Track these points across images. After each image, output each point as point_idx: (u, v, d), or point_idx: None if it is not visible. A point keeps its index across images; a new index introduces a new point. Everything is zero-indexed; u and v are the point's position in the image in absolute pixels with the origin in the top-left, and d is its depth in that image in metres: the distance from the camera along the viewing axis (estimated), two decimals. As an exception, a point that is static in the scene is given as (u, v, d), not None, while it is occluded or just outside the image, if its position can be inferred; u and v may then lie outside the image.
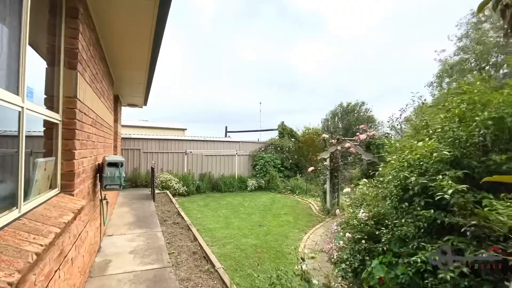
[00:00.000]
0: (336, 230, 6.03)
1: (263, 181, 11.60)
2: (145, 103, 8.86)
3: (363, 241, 3.68)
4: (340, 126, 15.74)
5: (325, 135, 7.95)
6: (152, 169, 8.14)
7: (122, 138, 10.06)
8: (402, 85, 40.09)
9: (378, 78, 44.06)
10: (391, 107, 28.85)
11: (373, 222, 3.89)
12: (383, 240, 3.21)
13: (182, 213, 6.25)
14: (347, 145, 6.96)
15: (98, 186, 3.65)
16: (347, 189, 6.21)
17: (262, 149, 12.73)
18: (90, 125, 3.13)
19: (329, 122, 16.19)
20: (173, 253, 4.00)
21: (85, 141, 2.85)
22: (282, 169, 12.31)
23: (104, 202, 3.90)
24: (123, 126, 18.34)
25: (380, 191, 3.81)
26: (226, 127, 16.64)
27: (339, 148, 7.25)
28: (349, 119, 15.25)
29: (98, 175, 3.61)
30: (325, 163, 7.53)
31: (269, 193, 11.21)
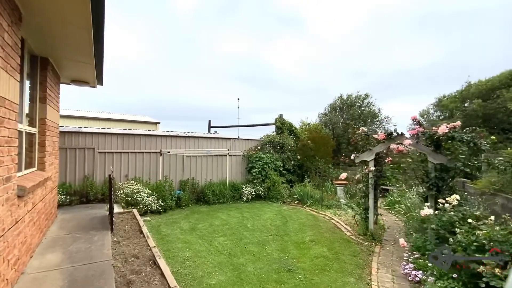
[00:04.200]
0: (412, 274, 3.83)
1: (261, 188, 9.15)
2: (99, 80, 5.92)
3: None
4: (341, 121, 13.82)
5: (364, 129, 5.74)
6: (110, 178, 5.27)
7: (64, 132, 6.96)
8: (381, 85, 40.13)
9: (358, 78, 43.72)
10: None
11: None
12: None
13: (161, 261, 3.58)
14: (406, 142, 4.78)
15: None
16: (428, 210, 4.01)
17: (259, 147, 10.26)
18: None
19: (328, 117, 14.20)
20: None
21: None
22: (284, 172, 9.96)
23: None
24: (68, 117, 14.39)
25: None
26: (209, 121, 13.78)
27: (393, 146, 5.07)
28: (353, 114, 13.36)
29: None
30: (371, 168, 5.30)
31: (271, 203, 8.80)
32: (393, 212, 7.85)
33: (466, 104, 11.72)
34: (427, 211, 3.98)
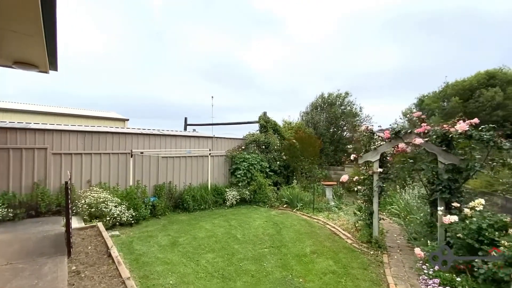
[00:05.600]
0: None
1: (247, 191, 8.41)
2: (52, 63, 4.72)
3: None
4: (322, 120, 13.56)
5: (368, 126, 5.29)
6: (67, 185, 4.14)
7: (5, 128, 5.57)
8: (354, 87, 41.29)
9: (333, 79, 44.58)
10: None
11: None
12: None
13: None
14: (417, 140, 4.38)
15: None
16: (452, 217, 3.59)
17: (243, 147, 9.49)
18: None
19: (310, 116, 13.85)
20: None
21: None
22: (271, 173, 9.31)
23: None
24: (13, 111, 11.74)
25: None
26: (185, 118, 12.57)
27: (401, 145, 4.65)
28: (335, 112, 13.15)
29: None
30: (376, 170, 4.83)
31: (258, 208, 8.08)
32: (385, 213, 7.59)
33: (445, 104, 12.18)
34: (450, 217, 3.55)
